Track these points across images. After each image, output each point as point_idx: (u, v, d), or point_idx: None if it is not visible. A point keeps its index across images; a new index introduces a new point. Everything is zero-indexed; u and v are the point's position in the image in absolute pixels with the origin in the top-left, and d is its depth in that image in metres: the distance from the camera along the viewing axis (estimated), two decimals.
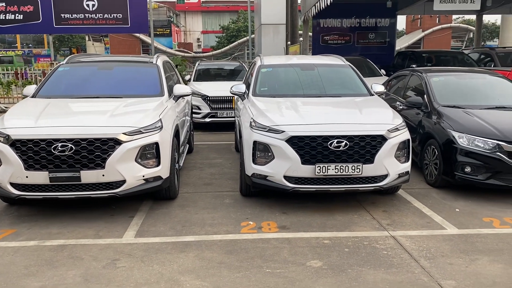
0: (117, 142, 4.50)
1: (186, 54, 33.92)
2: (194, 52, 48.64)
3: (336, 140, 4.65)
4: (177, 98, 6.15)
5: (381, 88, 6.21)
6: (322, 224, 4.59)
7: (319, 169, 4.64)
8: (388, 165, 4.78)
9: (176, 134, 5.57)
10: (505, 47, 14.98)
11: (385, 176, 4.81)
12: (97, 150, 4.46)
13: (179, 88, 6.13)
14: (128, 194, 4.65)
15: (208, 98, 10.31)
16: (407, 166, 5.00)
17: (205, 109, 10.34)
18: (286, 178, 4.73)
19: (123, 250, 3.99)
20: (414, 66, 11.83)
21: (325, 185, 4.75)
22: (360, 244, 4.11)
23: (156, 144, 4.74)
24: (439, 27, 37.16)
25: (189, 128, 7.68)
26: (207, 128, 10.69)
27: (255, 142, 4.86)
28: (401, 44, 34.77)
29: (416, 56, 13.50)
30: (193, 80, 11.59)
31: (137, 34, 30.70)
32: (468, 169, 5.35)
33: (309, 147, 4.66)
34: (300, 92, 5.96)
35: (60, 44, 43.88)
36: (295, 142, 4.67)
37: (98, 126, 4.61)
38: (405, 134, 4.98)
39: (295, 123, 4.82)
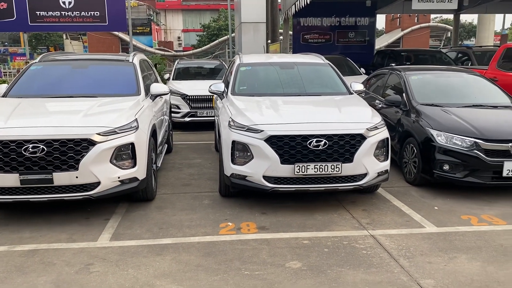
0: (91, 143, 4.37)
1: (166, 53, 33.56)
2: (174, 50, 48.22)
3: (315, 139, 4.61)
4: (154, 97, 6.03)
5: (360, 87, 6.20)
6: (301, 224, 4.55)
7: (299, 169, 4.59)
8: (367, 164, 4.76)
9: (153, 134, 5.46)
10: (481, 46, 15.25)
11: (365, 175, 4.80)
12: (70, 151, 4.32)
13: (156, 87, 6.01)
14: (103, 196, 4.52)
15: (188, 97, 10.18)
16: (386, 164, 5.00)
17: (185, 108, 10.21)
18: (266, 178, 4.67)
19: (97, 254, 3.87)
20: (393, 64, 11.91)
21: (305, 184, 4.71)
22: (340, 244, 4.07)
23: (132, 144, 4.62)
24: (418, 26, 37.64)
25: (168, 128, 7.56)
26: (187, 127, 10.56)
27: (233, 142, 4.79)
28: (380, 43, 35.11)
29: (395, 55, 13.61)
30: (172, 79, 11.44)
31: (116, 33, 30.24)
32: (446, 167, 5.38)
33: (288, 147, 4.60)
34: (280, 91, 5.90)
35: (38, 43, 42.92)
36: (274, 141, 4.61)
37: (71, 126, 4.47)
38: (384, 133, 4.97)
39: (274, 123, 4.76)
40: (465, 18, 51.62)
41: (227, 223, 4.56)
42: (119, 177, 4.54)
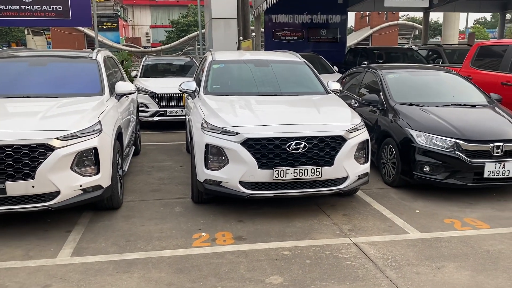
0: (49, 149, 3.95)
1: (133, 49, 32.69)
2: (142, 47, 47.21)
3: (294, 142, 4.34)
4: (120, 96, 5.62)
5: (337, 86, 5.99)
6: (281, 232, 4.27)
7: (277, 173, 4.32)
8: (348, 166, 4.54)
9: (119, 137, 5.06)
10: (451, 44, 15.41)
11: (345, 178, 4.57)
12: (25, 158, 3.89)
13: (122, 86, 5.60)
14: (63, 207, 4.11)
15: (156, 95, 9.75)
16: (366, 167, 4.79)
17: (153, 107, 9.77)
18: (242, 183, 4.37)
19: (56, 273, 3.48)
20: (365, 62, 11.84)
21: (284, 190, 4.44)
22: (322, 254, 3.82)
23: (95, 149, 4.23)
24: (387, 24, 38.12)
25: (135, 129, 7.14)
26: (156, 127, 10.13)
27: (207, 145, 4.46)
28: (350, 41, 35.35)
29: (367, 53, 13.55)
30: (140, 77, 10.97)
31: (81, 28, 29.16)
32: (426, 169, 5.22)
33: (266, 150, 4.32)
34: (255, 90, 5.60)
35: (9, 38, 41.05)
36: (251, 144, 4.32)
37: (26, 130, 4.04)
38: (364, 134, 4.76)
39: (250, 124, 4.46)
40: (431, 16, 52.76)
41: (200, 233, 4.24)
42: (81, 186, 4.14)
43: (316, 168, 4.38)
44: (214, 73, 5.82)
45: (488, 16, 74.71)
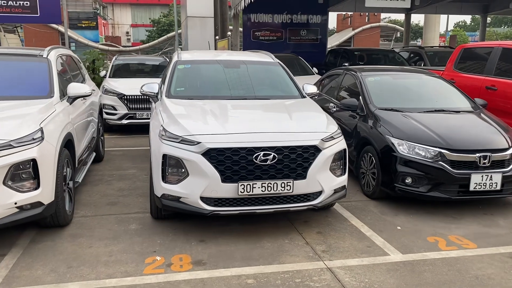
0: None
1: (111, 48, 31.83)
2: (122, 46, 46.26)
3: (262, 153, 3.87)
4: (73, 99, 5.06)
5: (314, 89, 5.54)
6: (246, 254, 3.79)
7: (243, 188, 3.83)
8: (323, 180, 4.09)
9: (68, 145, 4.51)
10: (432, 47, 15.17)
11: (319, 193, 4.12)
12: None
13: (75, 88, 5.04)
14: None
15: (125, 97, 9.17)
16: (343, 180, 4.34)
17: (122, 110, 9.19)
18: (204, 199, 3.88)
19: None
20: (346, 64, 11.46)
21: (251, 206, 3.96)
22: (291, 282, 3.35)
23: (33, 160, 3.68)
24: (369, 26, 38.04)
25: (97, 133, 6.58)
26: (124, 130, 9.55)
27: (164, 156, 3.95)
28: (332, 42, 35.13)
29: (348, 54, 13.19)
30: (109, 77, 10.36)
31: (55, 26, 28.21)
32: (408, 180, 4.81)
33: (231, 162, 3.83)
34: (223, 93, 5.11)
35: None
36: (214, 155, 3.83)
37: None
38: (341, 144, 4.31)
39: (213, 133, 3.97)
40: (412, 19, 53.00)
41: (155, 257, 3.72)
42: (16, 203, 3.59)
43: (287, 182, 3.92)
44: (179, 75, 5.31)
45: (468, 19, 75.76)
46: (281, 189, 3.92)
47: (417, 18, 60.10)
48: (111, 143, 8.43)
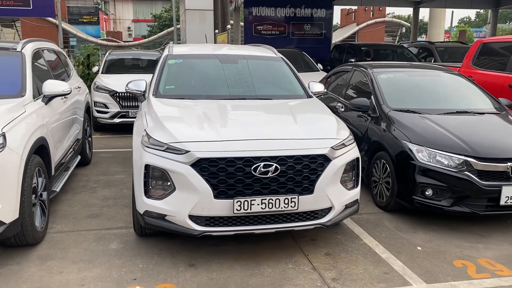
0: None
1: (110, 43, 31.22)
2: (124, 41, 45.68)
3: (262, 164, 3.29)
4: (49, 98, 4.49)
5: (320, 88, 4.95)
6: (243, 284, 3.22)
7: (239, 205, 3.26)
8: (333, 194, 3.51)
9: (41, 151, 3.95)
10: (443, 42, 14.53)
11: (329, 209, 3.54)
12: None
13: (51, 86, 4.46)
14: None
15: (117, 94, 8.59)
16: (356, 193, 3.76)
17: (114, 108, 8.61)
18: (193, 218, 3.31)
19: None
20: (352, 60, 10.86)
21: (248, 225, 3.38)
22: None
23: None
24: (373, 21, 37.26)
25: (83, 135, 6.01)
26: (117, 130, 8.98)
27: (147, 167, 3.37)
28: (336, 37, 34.39)
29: (354, 50, 12.57)
30: (102, 73, 9.78)
31: (53, 20, 27.55)
32: (429, 193, 4.22)
33: (225, 174, 3.26)
34: (218, 92, 4.52)
35: None
36: (205, 166, 3.25)
37: None
38: (353, 152, 3.73)
39: (205, 139, 3.39)
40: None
41: (134, 287, 3.15)
42: None
43: (291, 198, 3.34)
44: (169, 71, 4.72)
45: (472, 15, 74.92)
46: (284, 206, 3.34)
47: (422, 14, 59.27)
48: (101, 143, 7.87)
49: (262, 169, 3.28)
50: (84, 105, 6.23)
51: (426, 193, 4.23)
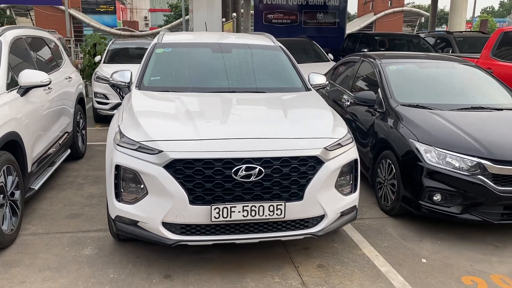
0: None
1: (123, 32, 31.09)
2: (140, 31, 45.69)
3: (245, 166, 2.91)
4: (26, 90, 4.18)
5: (322, 79, 4.53)
6: None
7: (218, 212, 2.90)
8: (325, 200, 3.12)
9: (13, 146, 3.65)
10: (462, 31, 13.85)
11: (321, 217, 3.16)
12: None
13: (28, 76, 4.14)
14: None
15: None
16: (353, 199, 3.37)
17: (114, 99, 8.31)
18: (167, 225, 2.97)
19: None
20: (365, 50, 10.34)
21: (228, 234, 3.03)
22: None
23: None
24: (391, 10, 36.23)
25: (74, 127, 5.73)
26: None
27: (118, 167, 3.04)
28: (352, 27, 33.59)
29: (368, 39, 12.01)
30: (104, 62, 9.49)
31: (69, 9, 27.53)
32: (437, 198, 3.80)
33: (202, 177, 2.90)
34: (206, 84, 4.14)
35: None
36: (180, 168, 2.89)
37: None
38: (351, 152, 3.33)
39: (181, 138, 3.04)
40: (438, 4, 50.81)
41: None
42: None
43: (277, 205, 2.97)
44: (157, 60, 4.37)
45: (496, 5, 72.65)
46: (269, 214, 2.97)
47: (443, 4, 57.58)
48: (99, 136, 7.59)
49: (244, 172, 2.91)
50: (75, 96, 5.93)
51: (434, 198, 3.81)
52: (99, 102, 8.46)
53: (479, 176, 3.65)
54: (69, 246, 3.57)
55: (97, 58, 10.24)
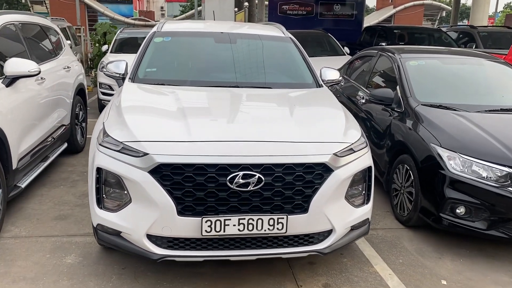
0: None
1: (137, 22, 30.87)
2: (155, 21, 45.54)
3: (242, 173, 2.54)
4: (12, 80, 3.86)
5: (335, 75, 4.11)
6: None
7: (210, 225, 2.55)
8: (334, 213, 2.74)
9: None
10: (486, 26, 13.22)
11: (328, 232, 2.79)
12: None
13: (14, 65, 3.82)
14: None
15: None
16: (366, 211, 2.98)
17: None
18: (151, 238, 2.62)
19: None
20: (383, 44, 9.84)
21: (222, 250, 2.67)
22: None
23: None
24: (411, 3, 35.20)
25: (71, 120, 5.42)
26: None
27: (99, 170, 2.70)
28: (370, 21, 32.75)
29: (386, 33, 11.48)
30: (111, 52, 9.19)
31: None
32: (461, 211, 3.39)
33: (193, 185, 2.54)
34: (207, 78, 3.77)
35: (10, 7, 39.68)
36: (167, 174, 2.54)
37: None
38: (364, 159, 2.93)
39: (170, 139, 2.68)
40: None
41: None
42: None
43: (278, 218, 2.60)
44: (154, 50, 4.01)
45: None
46: (268, 228, 2.60)
47: None
48: None
49: (240, 180, 2.54)
50: (73, 87, 5.62)
51: (457, 211, 3.40)
52: (104, 93, 8.18)
53: (509, 188, 3.23)
54: (51, 253, 3.26)
55: (105, 47, 9.95)
